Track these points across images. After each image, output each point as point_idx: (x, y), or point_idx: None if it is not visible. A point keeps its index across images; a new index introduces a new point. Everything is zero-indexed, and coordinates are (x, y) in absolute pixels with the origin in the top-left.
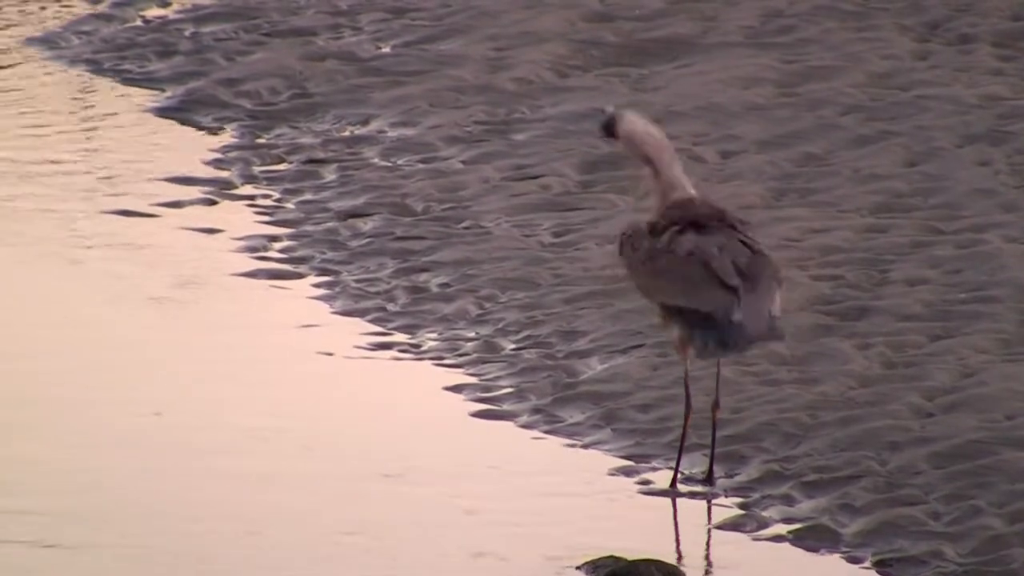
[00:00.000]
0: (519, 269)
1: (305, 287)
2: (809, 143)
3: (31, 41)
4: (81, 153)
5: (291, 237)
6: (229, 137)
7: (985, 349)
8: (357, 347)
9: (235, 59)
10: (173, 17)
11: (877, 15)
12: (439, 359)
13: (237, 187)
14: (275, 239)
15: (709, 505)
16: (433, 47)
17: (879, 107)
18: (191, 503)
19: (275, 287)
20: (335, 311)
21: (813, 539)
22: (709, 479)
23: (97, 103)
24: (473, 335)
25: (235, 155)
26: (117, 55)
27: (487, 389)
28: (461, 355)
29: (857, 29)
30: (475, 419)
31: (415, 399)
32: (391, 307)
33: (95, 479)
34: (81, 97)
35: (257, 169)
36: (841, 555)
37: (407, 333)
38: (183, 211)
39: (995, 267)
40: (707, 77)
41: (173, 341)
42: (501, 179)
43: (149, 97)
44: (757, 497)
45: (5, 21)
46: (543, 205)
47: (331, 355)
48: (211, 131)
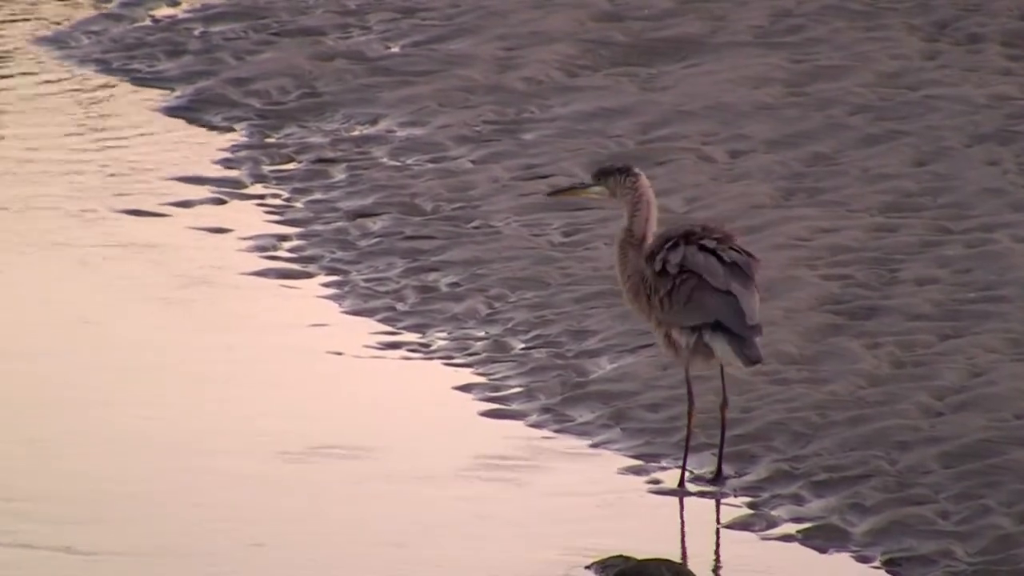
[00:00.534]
0: (528, 268)
1: (314, 286)
2: (818, 142)
3: (41, 41)
4: (90, 153)
5: (300, 236)
6: (238, 136)
7: (994, 348)
8: (366, 346)
9: (244, 58)
10: (182, 17)
11: (886, 15)
12: (448, 358)
13: (246, 186)
14: (284, 238)
15: (718, 504)
16: (442, 47)
17: (888, 107)
18: (191, 503)
19: (284, 286)
20: (344, 310)
21: (823, 538)
22: (718, 478)
23: (106, 102)
24: (482, 334)
25: (244, 154)
26: (126, 55)
27: (496, 388)
28: (470, 354)
29: (866, 29)
30: (484, 418)
31: (424, 399)
32: (400, 306)
33: (118, 481)
34: (90, 96)
35: (266, 168)
36: (851, 554)
37: (416, 332)
38: (192, 210)
39: (1004, 266)
40: (716, 77)
41: (183, 341)
42: (510, 179)
43: (158, 96)
44: (766, 496)
45: (13, 20)
46: (552, 205)
47: (340, 355)
48: (220, 130)
